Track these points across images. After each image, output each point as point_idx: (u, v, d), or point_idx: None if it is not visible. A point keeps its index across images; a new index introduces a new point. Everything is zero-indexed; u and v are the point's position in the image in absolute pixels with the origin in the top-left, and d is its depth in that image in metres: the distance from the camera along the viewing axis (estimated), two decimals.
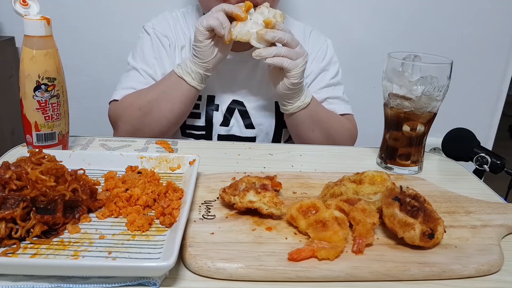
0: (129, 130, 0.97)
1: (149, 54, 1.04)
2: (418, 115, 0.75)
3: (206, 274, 0.48)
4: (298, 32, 1.10)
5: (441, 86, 0.73)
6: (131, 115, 0.96)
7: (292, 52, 0.87)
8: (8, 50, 1.40)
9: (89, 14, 1.40)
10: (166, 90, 0.93)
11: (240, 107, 1.05)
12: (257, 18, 0.88)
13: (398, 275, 0.50)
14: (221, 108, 1.04)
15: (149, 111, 0.94)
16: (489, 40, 1.47)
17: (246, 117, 1.05)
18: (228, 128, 1.05)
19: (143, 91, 0.97)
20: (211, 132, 1.05)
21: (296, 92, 0.91)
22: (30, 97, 0.69)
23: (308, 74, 1.07)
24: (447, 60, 0.73)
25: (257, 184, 0.62)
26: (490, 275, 0.52)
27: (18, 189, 0.52)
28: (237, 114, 1.05)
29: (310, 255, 0.50)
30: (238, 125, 1.05)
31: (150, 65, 1.03)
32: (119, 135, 0.99)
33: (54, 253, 0.49)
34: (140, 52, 1.05)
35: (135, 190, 0.59)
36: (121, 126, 0.98)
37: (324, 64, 1.08)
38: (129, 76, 1.04)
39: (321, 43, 1.11)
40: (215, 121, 1.04)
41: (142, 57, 1.04)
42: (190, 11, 1.11)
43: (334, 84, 1.09)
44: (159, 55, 1.04)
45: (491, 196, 0.72)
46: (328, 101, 1.06)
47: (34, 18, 0.68)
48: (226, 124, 1.04)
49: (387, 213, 0.55)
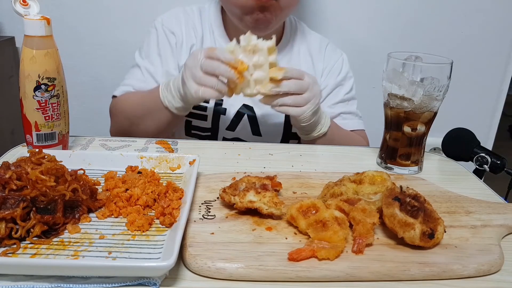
0: (119, 131, 1.00)
1: (153, 50, 1.03)
2: (418, 115, 0.75)
3: (206, 274, 0.48)
4: (314, 44, 1.10)
5: (441, 86, 0.73)
6: (120, 122, 1.00)
7: (299, 99, 0.82)
8: (8, 50, 1.40)
9: (89, 14, 1.40)
10: (151, 110, 0.92)
11: (250, 112, 1.04)
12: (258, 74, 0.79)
13: (398, 275, 0.50)
14: (229, 112, 1.03)
15: (136, 124, 0.96)
16: (489, 40, 1.47)
17: (255, 123, 1.04)
18: (234, 133, 1.04)
19: (134, 102, 0.98)
20: (216, 135, 1.04)
21: (311, 126, 0.90)
22: (30, 97, 0.69)
23: (323, 88, 1.07)
24: (447, 60, 0.73)
25: (257, 184, 0.62)
26: (490, 275, 0.52)
27: (18, 189, 0.52)
28: (246, 119, 1.04)
29: (310, 255, 0.50)
30: (245, 131, 1.04)
31: (152, 62, 1.03)
32: (111, 130, 1.05)
33: (54, 253, 0.49)
34: (146, 47, 1.05)
35: (135, 190, 0.59)
36: (113, 125, 1.04)
37: (340, 79, 1.08)
38: (130, 73, 1.05)
39: (337, 57, 1.10)
40: (221, 125, 1.03)
41: (147, 53, 1.04)
42: (208, 7, 1.09)
43: (348, 99, 1.09)
44: (164, 52, 1.03)
45: (491, 196, 0.72)
46: (342, 116, 1.07)
47: (34, 18, 0.68)
48: (233, 128, 1.04)
49: (387, 213, 0.55)
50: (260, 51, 0.78)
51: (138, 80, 1.01)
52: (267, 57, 0.79)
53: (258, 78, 0.80)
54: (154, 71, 1.02)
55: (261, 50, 0.78)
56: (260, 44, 0.78)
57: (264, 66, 0.79)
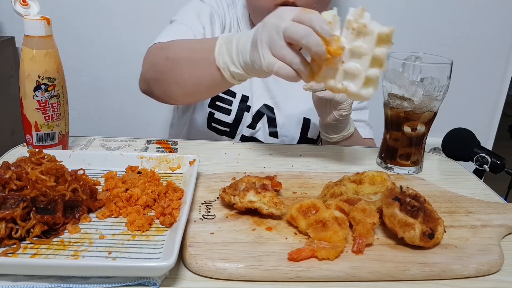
0: (151, 77, 0.84)
1: (196, 21, 0.94)
2: (418, 115, 0.75)
3: (206, 274, 0.48)
4: None
5: (441, 86, 0.73)
6: (156, 64, 0.82)
7: None
8: (8, 50, 1.40)
9: (89, 14, 1.40)
10: (197, 60, 0.75)
11: (270, 113, 1.03)
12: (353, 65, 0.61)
13: (398, 275, 0.50)
14: (252, 110, 1.02)
15: (173, 70, 0.79)
16: (489, 40, 1.47)
17: (273, 125, 1.04)
18: (254, 131, 1.04)
19: (180, 44, 0.81)
20: (235, 131, 1.03)
21: (343, 123, 0.90)
22: (30, 97, 0.69)
23: None
24: (447, 60, 0.73)
25: (257, 184, 0.62)
26: (490, 275, 0.52)
27: (18, 189, 0.52)
28: (265, 119, 1.03)
29: (310, 255, 0.50)
30: (263, 131, 1.04)
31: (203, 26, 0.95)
32: (141, 78, 0.89)
33: (54, 253, 0.49)
34: (184, 15, 0.97)
35: (135, 190, 0.59)
36: (146, 70, 0.86)
37: None
38: (173, 28, 0.94)
39: None
40: (243, 122, 1.02)
41: (187, 20, 0.95)
42: (237, 1, 1.06)
43: (361, 108, 1.09)
44: (210, 26, 0.96)
45: (491, 196, 0.72)
46: (355, 124, 1.07)
47: (34, 18, 0.68)
48: (253, 127, 1.03)
49: (387, 213, 0.55)
50: (368, 35, 0.60)
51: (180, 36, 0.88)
52: (374, 47, 0.60)
53: (350, 70, 0.61)
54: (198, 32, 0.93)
55: (369, 34, 0.59)
56: (371, 26, 0.59)
57: (364, 57, 0.60)
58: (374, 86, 0.62)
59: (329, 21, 0.60)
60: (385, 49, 0.60)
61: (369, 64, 0.60)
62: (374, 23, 0.60)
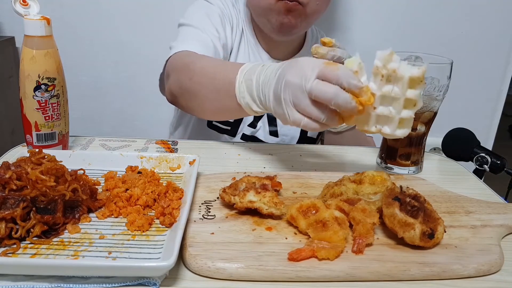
0: (181, 87, 0.83)
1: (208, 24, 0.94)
2: (418, 115, 0.75)
3: (206, 274, 0.48)
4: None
5: (441, 86, 0.73)
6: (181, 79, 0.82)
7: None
8: (8, 50, 1.40)
9: (89, 14, 1.40)
10: (219, 91, 0.74)
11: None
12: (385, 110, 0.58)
13: (398, 275, 0.50)
14: None
15: (197, 91, 0.79)
16: (489, 40, 1.47)
17: (273, 124, 1.04)
18: (254, 130, 1.04)
19: (204, 68, 0.79)
20: (236, 130, 1.03)
21: None
22: (30, 97, 0.69)
23: None
24: (447, 60, 0.73)
25: (257, 184, 0.62)
26: (490, 275, 0.52)
27: (18, 189, 0.52)
28: (265, 118, 1.03)
29: (310, 255, 0.50)
30: (263, 130, 1.04)
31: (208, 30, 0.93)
32: (166, 89, 0.88)
33: (54, 253, 0.49)
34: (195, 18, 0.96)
35: (135, 190, 0.59)
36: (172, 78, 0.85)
37: None
38: (188, 33, 0.93)
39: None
40: (245, 120, 1.03)
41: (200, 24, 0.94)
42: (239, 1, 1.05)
43: None
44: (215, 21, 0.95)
45: (491, 196, 0.72)
46: None
47: (34, 18, 0.68)
48: (254, 126, 1.03)
49: (387, 213, 0.55)
50: (399, 80, 0.57)
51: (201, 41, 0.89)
52: (406, 90, 0.57)
53: (383, 114, 0.59)
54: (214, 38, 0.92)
55: (400, 79, 0.57)
56: (401, 71, 0.57)
57: (397, 101, 0.58)
58: (408, 126, 0.60)
59: (355, 71, 0.57)
60: (418, 90, 0.58)
61: (402, 106, 0.58)
62: (404, 65, 0.57)
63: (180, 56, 0.86)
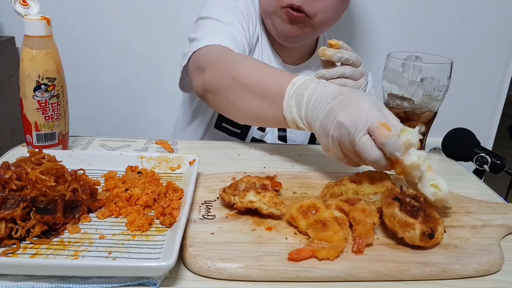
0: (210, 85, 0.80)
1: (233, 19, 0.91)
2: (418, 115, 0.75)
3: (206, 274, 0.48)
4: None
5: (441, 86, 0.73)
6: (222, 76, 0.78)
7: (356, 72, 0.82)
8: (8, 50, 1.40)
9: (89, 14, 1.40)
10: (264, 96, 0.72)
11: None
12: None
13: (398, 275, 0.50)
14: None
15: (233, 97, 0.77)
16: (489, 40, 1.47)
17: (283, 129, 1.03)
18: (263, 134, 1.03)
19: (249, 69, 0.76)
20: (247, 133, 1.02)
21: None
22: (30, 97, 0.69)
23: None
24: (447, 60, 0.73)
25: (257, 184, 0.62)
26: (490, 275, 0.52)
27: (18, 189, 0.52)
28: None
29: (310, 255, 0.50)
30: (272, 134, 1.03)
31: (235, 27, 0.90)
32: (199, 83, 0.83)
33: (54, 253, 0.49)
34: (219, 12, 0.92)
35: (135, 190, 0.59)
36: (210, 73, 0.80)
37: None
38: (216, 27, 0.88)
39: None
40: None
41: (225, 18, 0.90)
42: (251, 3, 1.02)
43: None
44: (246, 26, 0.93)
45: (491, 196, 0.72)
46: None
47: (34, 18, 0.68)
48: (263, 129, 1.02)
49: (387, 213, 0.55)
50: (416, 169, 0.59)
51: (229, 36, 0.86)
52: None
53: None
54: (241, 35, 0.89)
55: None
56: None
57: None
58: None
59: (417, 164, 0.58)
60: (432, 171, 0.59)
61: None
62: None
63: (214, 50, 0.82)
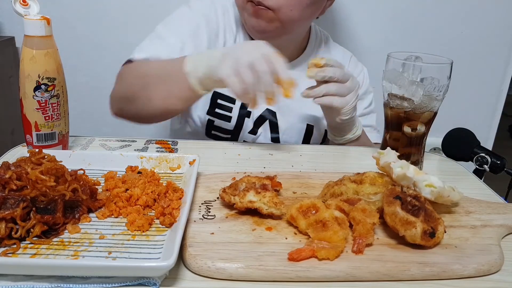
0: (123, 96, 0.89)
1: (177, 35, 0.95)
2: (418, 115, 0.75)
3: (206, 274, 0.48)
4: (337, 57, 1.07)
5: (441, 86, 0.73)
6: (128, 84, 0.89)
7: (342, 89, 0.83)
8: (8, 50, 1.40)
9: (89, 14, 1.40)
10: (167, 75, 0.82)
11: (272, 118, 1.02)
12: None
13: (398, 275, 0.50)
14: (252, 115, 1.01)
15: (144, 89, 0.85)
16: (489, 40, 1.47)
17: (275, 131, 1.03)
18: (255, 137, 1.03)
19: (151, 65, 0.88)
20: (237, 138, 1.02)
21: (348, 125, 0.90)
22: (30, 97, 0.69)
23: None
24: (447, 60, 0.73)
25: (257, 184, 0.62)
26: (490, 275, 0.52)
27: (18, 189, 0.52)
28: (267, 125, 1.02)
29: (310, 255, 0.50)
30: (264, 136, 1.03)
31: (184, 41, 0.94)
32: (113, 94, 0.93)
33: (54, 253, 0.49)
34: (169, 27, 0.97)
35: (135, 190, 0.59)
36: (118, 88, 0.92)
37: (360, 93, 1.05)
38: (152, 43, 0.95)
39: (359, 71, 1.10)
40: (245, 128, 1.01)
41: (168, 34, 0.95)
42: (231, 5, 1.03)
43: (367, 113, 1.08)
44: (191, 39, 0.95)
45: (491, 196, 0.72)
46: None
47: (34, 18, 0.68)
48: (254, 132, 1.02)
49: (388, 211, 0.54)
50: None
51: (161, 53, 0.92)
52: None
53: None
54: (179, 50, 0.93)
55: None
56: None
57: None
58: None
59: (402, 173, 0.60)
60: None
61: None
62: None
63: (130, 66, 0.91)
